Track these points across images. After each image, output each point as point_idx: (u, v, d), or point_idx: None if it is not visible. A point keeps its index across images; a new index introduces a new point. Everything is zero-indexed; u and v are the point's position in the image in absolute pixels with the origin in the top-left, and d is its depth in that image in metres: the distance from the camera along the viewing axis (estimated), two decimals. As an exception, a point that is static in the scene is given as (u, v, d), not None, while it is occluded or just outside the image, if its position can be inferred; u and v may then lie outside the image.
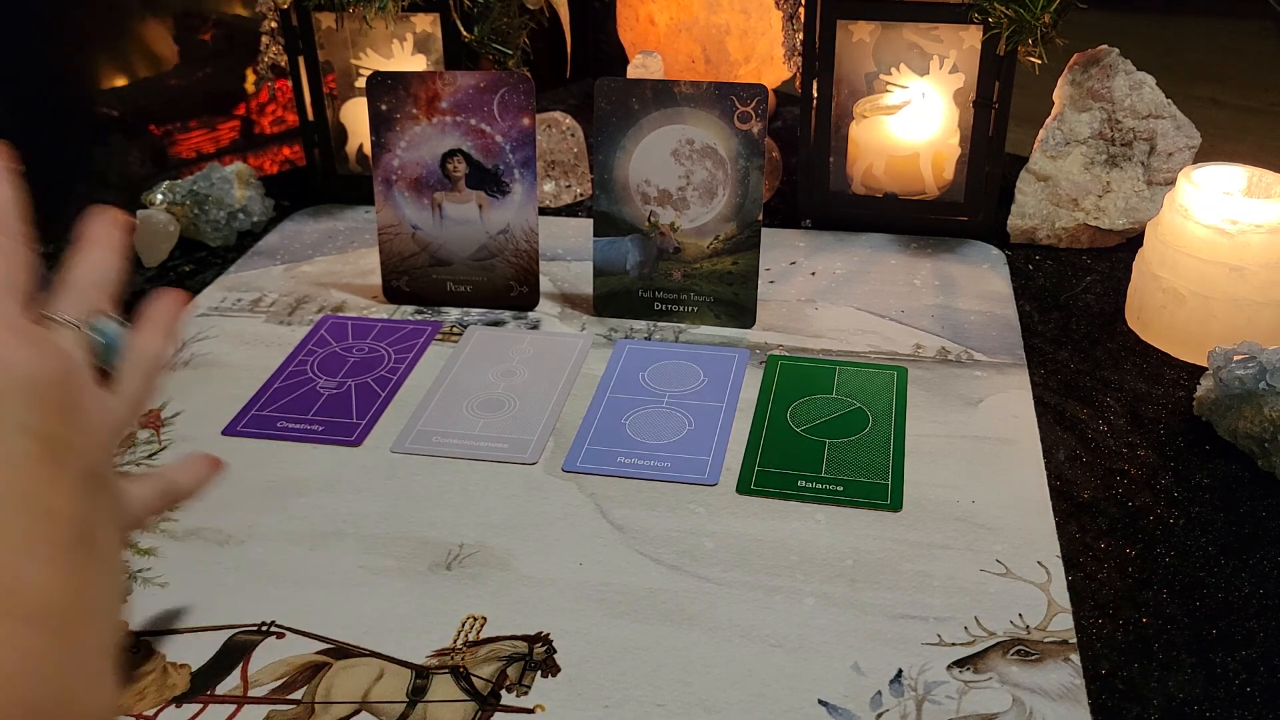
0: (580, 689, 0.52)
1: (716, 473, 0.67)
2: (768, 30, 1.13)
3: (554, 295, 0.88)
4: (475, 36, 0.94)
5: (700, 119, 0.79)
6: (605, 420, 0.72)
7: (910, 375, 0.76)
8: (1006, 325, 0.82)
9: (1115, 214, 0.92)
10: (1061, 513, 0.63)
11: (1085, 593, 0.57)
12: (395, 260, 0.86)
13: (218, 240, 0.98)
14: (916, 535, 0.61)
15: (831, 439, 0.69)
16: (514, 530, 0.62)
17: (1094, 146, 0.92)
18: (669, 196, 0.81)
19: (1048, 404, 0.73)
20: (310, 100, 1.00)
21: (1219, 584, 0.58)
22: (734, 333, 0.82)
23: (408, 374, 0.78)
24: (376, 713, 0.51)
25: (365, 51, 0.99)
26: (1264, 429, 0.65)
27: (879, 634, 0.55)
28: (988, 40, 0.86)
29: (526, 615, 0.56)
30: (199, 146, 1.63)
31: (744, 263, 0.81)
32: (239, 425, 0.72)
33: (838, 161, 0.97)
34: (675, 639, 0.55)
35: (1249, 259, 0.74)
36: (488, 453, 0.69)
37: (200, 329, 0.84)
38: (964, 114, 0.92)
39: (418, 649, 0.54)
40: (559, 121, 1.05)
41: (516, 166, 0.82)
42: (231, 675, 0.53)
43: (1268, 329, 0.74)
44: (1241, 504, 0.64)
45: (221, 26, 1.64)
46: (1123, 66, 0.92)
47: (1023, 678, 0.52)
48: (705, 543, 0.61)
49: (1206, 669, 0.53)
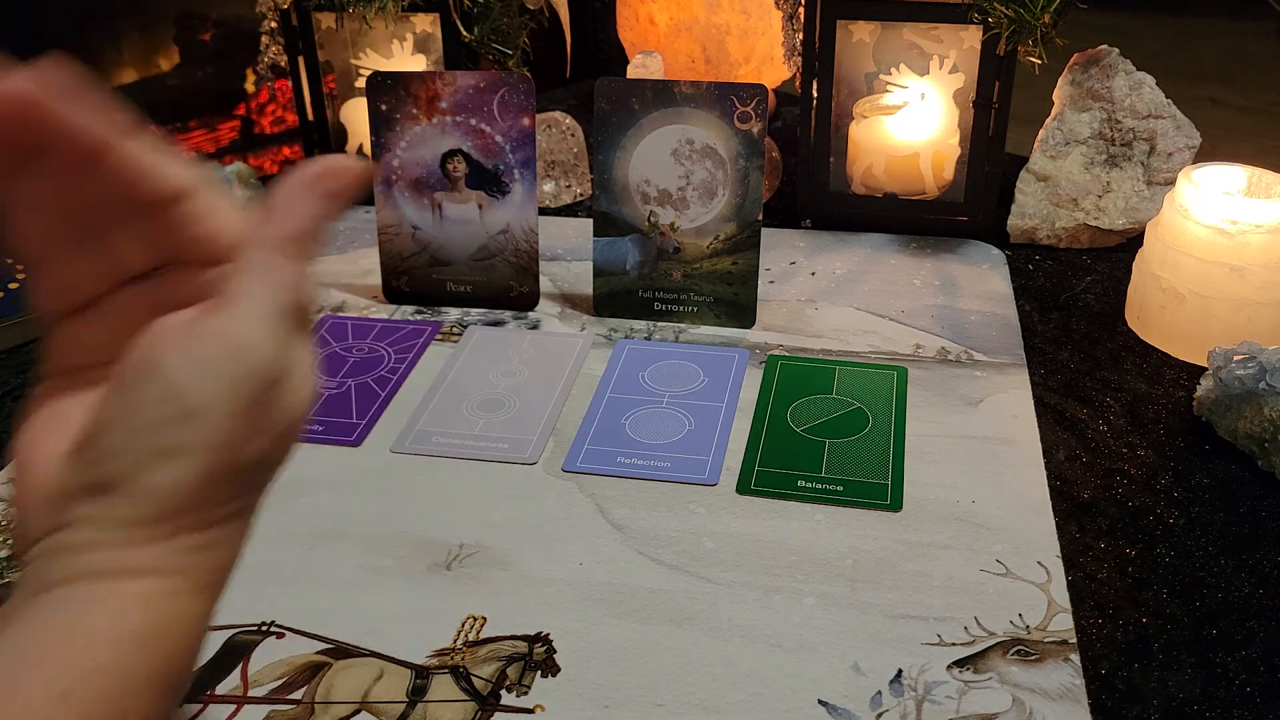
0: (580, 689, 0.52)
1: (716, 473, 0.67)
2: (768, 30, 1.13)
3: (554, 295, 0.88)
4: (475, 36, 0.94)
5: (700, 119, 0.79)
6: (605, 420, 0.72)
7: (910, 375, 0.76)
8: (1006, 325, 0.82)
9: (1115, 214, 0.92)
10: (1061, 513, 0.63)
11: (1085, 593, 0.57)
12: (395, 260, 0.86)
13: (218, 240, 0.98)
14: (916, 535, 0.61)
15: (831, 439, 0.69)
16: (514, 530, 0.62)
17: (1094, 146, 0.92)
18: (669, 196, 0.81)
19: (1048, 404, 0.73)
20: (310, 100, 1.00)
21: (1219, 584, 0.58)
22: (734, 333, 0.82)
23: (408, 374, 0.78)
24: (376, 713, 0.51)
25: (365, 51, 0.99)
26: (1264, 429, 0.65)
27: (879, 634, 0.55)
28: (988, 40, 0.86)
29: (526, 615, 0.56)
30: (199, 146, 1.63)
31: (744, 263, 0.81)
32: (239, 425, 0.72)
33: (838, 161, 0.97)
34: (675, 639, 0.55)
35: (1249, 259, 0.74)
36: (488, 453, 0.69)
37: (200, 329, 0.84)
38: (964, 114, 0.92)
39: (418, 649, 0.54)
40: (559, 121, 1.05)
41: (516, 166, 0.82)
42: (231, 675, 0.53)
43: (1268, 329, 0.74)
44: (1241, 504, 0.64)
45: (221, 26, 1.64)
46: (1123, 66, 0.92)
47: (1023, 678, 0.52)
48: (705, 543, 0.61)
49: (1206, 669, 0.53)
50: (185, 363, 0.34)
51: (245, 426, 0.35)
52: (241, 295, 0.36)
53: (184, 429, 0.34)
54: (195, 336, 0.35)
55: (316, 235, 0.37)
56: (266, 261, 0.36)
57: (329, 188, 0.38)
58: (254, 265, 0.36)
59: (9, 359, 0.81)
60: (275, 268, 0.36)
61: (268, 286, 0.36)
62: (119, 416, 0.34)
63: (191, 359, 0.34)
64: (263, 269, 0.36)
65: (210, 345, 0.35)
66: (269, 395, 0.36)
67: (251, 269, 0.36)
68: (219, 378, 0.34)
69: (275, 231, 0.37)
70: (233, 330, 0.35)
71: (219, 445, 0.34)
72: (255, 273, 0.36)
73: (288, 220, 0.37)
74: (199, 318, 0.35)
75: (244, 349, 0.35)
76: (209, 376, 0.34)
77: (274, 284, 0.36)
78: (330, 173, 0.37)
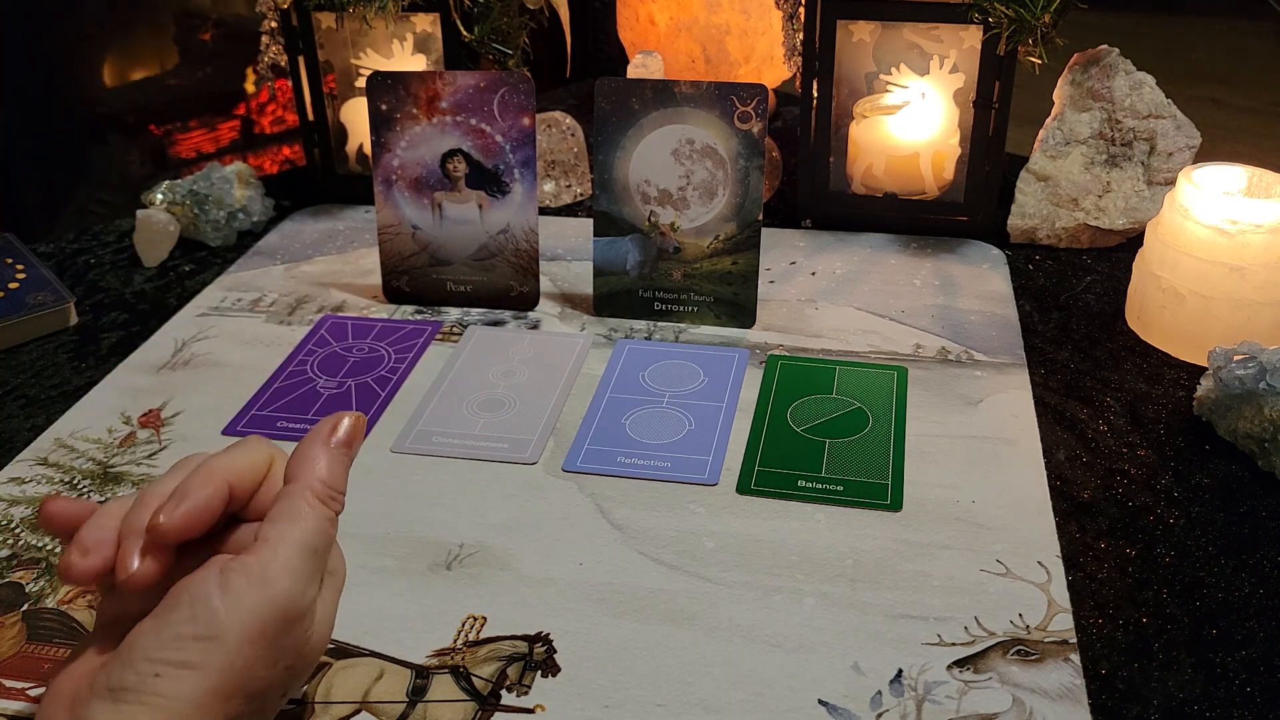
0: (580, 689, 0.52)
1: (716, 473, 0.67)
2: (768, 30, 1.13)
3: (554, 295, 0.88)
4: (475, 36, 0.94)
5: (700, 119, 0.79)
6: (605, 420, 0.72)
7: (910, 375, 0.76)
8: (1006, 325, 0.82)
9: (1115, 214, 0.92)
10: (1061, 513, 0.63)
11: (1085, 593, 0.57)
12: (395, 260, 0.86)
13: (218, 240, 0.98)
14: (916, 535, 0.61)
15: (831, 439, 0.69)
16: (514, 530, 0.62)
17: (1094, 146, 0.92)
18: (669, 196, 0.81)
19: (1048, 404, 0.73)
20: (310, 100, 1.00)
21: (1219, 584, 0.58)
22: (734, 333, 0.82)
23: (408, 374, 0.78)
24: (376, 713, 0.51)
25: (365, 51, 0.99)
26: (1264, 429, 0.65)
27: (879, 634, 0.55)
28: (988, 40, 0.86)
29: (526, 615, 0.56)
30: (199, 146, 1.64)
31: (744, 263, 0.81)
32: (239, 425, 0.72)
33: (838, 161, 0.97)
34: (675, 639, 0.55)
35: (1249, 259, 0.74)
36: (488, 453, 0.69)
37: (200, 329, 0.84)
38: (964, 114, 0.92)
39: (418, 649, 0.54)
40: (559, 121, 1.05)
41: (516, 166, 0.82)
42: (231, 675, 0.53)
43: (1268, 329, 0.75)
44: (1241, 504, 0.64)
45: (221, 26, 1.64)
46: (1123, 66, 0.92)
47: (1023, 678, 0.52)
48: (705, 543, 0.61)
49: (1206, 669, 0.53)
50: (216, 590, 0.39)
51: (261, 653, 0.40)
52: (274, 538, 0.41)
53: (205, 646, 0.39)
54: (230, 569, 0.40)
55: (339, 484, 0.44)
56: (297, 509, 0.42)
57: (340, 440, 0.45)
58: (286, 512, 0.42)
59: (9, 359, 0.81)
60: (304, 514, 0.42)
61: (298, 529, 0.42)
62: (152, 629, 0.39)
63: (222, 586, 0.40)
64: (293, 515, 0.42)
65: (242, 577, 0.40)
66: (288, 629, 0.41)
67: (283, 516, 0.42)
68: (244, 606, 0.39)
69: (303, 482, 0.43)
70: (263, 566, 0.40)
71: (234, 667, 0.39)
72: (287, 518, 0.42)
73: (310, 472, 0.43)
74: (236, 556, 0.41)
75: (270, 581, 0.40)
76: (235, 603, 0.39)
77: (303, 528, 0.42)
78: (338, 427, 0.45)
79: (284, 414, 0.73)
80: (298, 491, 0.43)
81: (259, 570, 0.40)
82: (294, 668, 0.42)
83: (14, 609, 0.57)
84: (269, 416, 0.73)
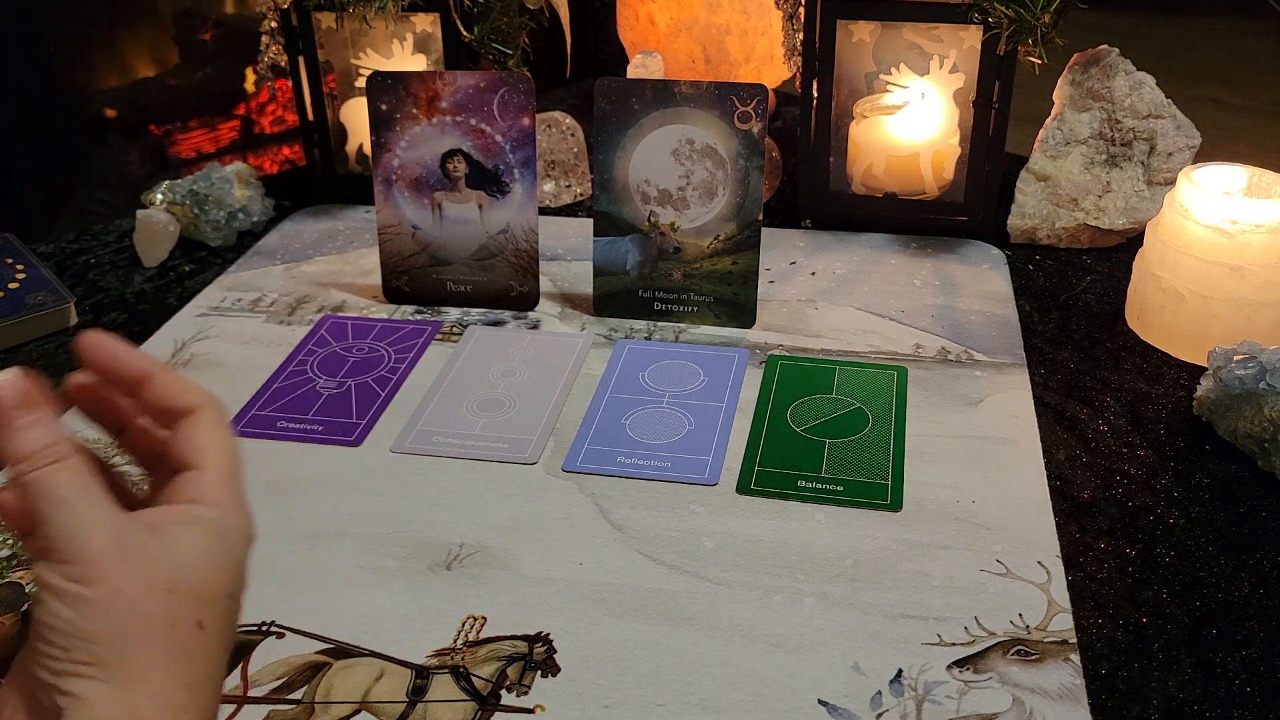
0: (580, 689, 0.52)
1: (716, 473, 0.67)
2: (768, 30, 1.13)
3: (554, 295, 0.88)
4: (475, 36, 0.94)
5: (700, 119, 0.79)
6: (605, 420, 0.72)
7: (910, 375, 0.76)
8: (1006, 325, 0.82)
9: (1115, 214, 0.92)
10: (1061, 513, 0.63)
11: (1085, 593, 0.57)
12: (395, 260, 0.86)
13: (218, 240, 0.98)
14: (916, 535, 0.61)
15: (831, 439, 0.69)
16: (514, 530, 0.62)
17: (1094, 146, 0.92)
18: (669, 196, 0.81)
19: (1048, 404, 0.73)
20: (310, 100, 1.00)
21: (1219, 584, 0.58)
22: (734, 333, 0.82)
23: (408, 374, 0.78)
24: (376, 713, 0.51)
25: (365, 51, 0.99)
26: (1264, 429, 0.65)
27: (879, 634, 0.55)
28: (988, 40, 0.86)
29: (526, 615, 0.56)
30: (199, 146, 1.64)
31: (744, 263, 0.81)
32: (239, 425, 0.72)
33: (838, 161, 0.97)
34: (675, 639, 0.55)
35: (1249, 259, 0.74)
36: (488, 453, 0.69)
37: (200, 329, 0.84)
38: (964, 114, 0.92)
39: (418, 649, 0.54)
40: (559, 121, 1.05)
41: (516, 166, 0.82)
42: (231, 675, 0.53)
43: (1268, 329, 0.74)
44: (1241, 504, 0.64)
45: (221, 26, 1.65)
46: (1123, 66, 0.92)
47: (1023, 678, 0.52)
48: (705, 543, 0.61)
49: (1206, 669, 0.53)
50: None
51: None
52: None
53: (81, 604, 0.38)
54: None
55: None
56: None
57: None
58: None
59: (9, 359, 0.81)
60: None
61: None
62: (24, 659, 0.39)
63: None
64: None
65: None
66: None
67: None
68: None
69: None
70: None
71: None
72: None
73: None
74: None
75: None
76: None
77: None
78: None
79: (284, 414, 0.73)
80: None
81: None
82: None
83: (14, 609, 0.57)
84: (269, 416, 0.73)
